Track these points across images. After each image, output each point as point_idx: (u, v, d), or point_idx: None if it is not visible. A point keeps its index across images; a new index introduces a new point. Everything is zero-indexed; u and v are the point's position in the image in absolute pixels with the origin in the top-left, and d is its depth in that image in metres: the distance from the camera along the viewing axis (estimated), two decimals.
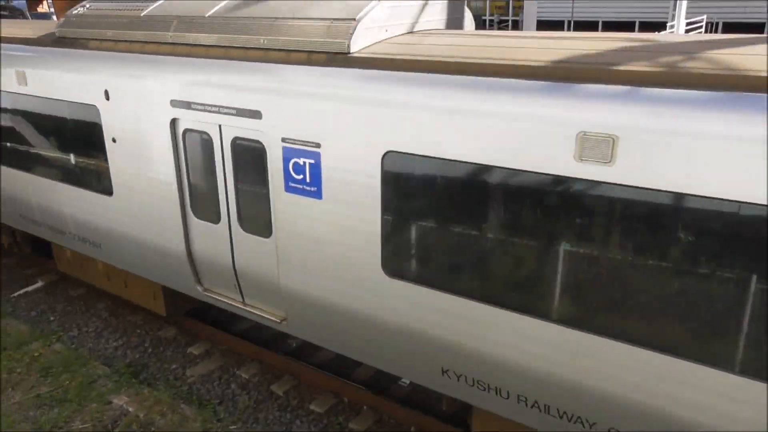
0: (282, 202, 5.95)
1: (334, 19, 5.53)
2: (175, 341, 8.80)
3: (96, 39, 7.28)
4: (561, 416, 4.95)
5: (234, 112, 5.98)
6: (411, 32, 5.90)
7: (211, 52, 6.17)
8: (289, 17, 5.84)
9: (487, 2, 43.41)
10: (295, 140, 5.62)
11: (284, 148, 5.72)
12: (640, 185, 3.98)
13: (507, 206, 4.65)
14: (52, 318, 9.47)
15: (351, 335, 6.03)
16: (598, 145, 4.08)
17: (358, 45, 5.37)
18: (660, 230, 4.05)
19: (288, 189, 5.87)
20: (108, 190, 7.54)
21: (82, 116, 7.43)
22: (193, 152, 6.58)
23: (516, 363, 4.98)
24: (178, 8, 6.80)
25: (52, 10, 21.40)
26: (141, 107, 6.75)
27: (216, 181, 6.49)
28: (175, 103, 6.42)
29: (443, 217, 5.00)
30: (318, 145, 5.48)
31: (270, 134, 5.78)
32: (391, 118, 4.97)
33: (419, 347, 5.53)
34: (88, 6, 7.77)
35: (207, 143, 6.40)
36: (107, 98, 7.02)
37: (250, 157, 6.09)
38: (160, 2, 7.11)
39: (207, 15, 6.44)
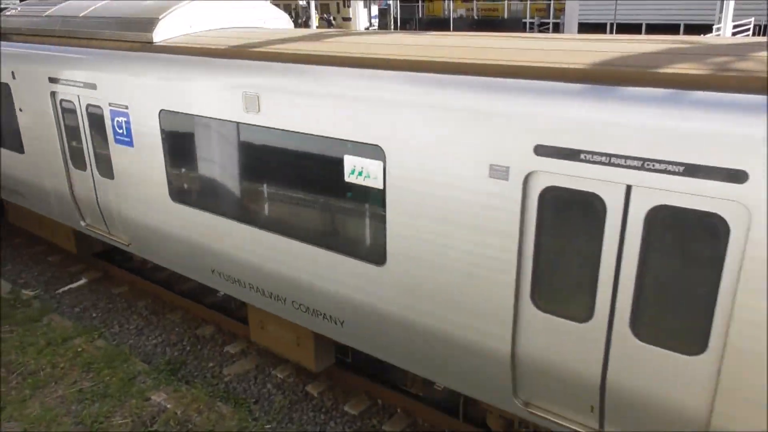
0: (115, 151, 8.07)
1: (148, 18, 7.68)
2: (213, 340, 8.90)
3: (12, 33, 9.63)
4: (271, 297, 6.93)
5: (82, 85, 8.14)
6: (210, 29, 7.98)
7: (80, 42, 8.34)
8: (125, 16, 8.04)
9: (528, 4, 42.92)
10: (115, 104, 7.80)
11: (111, 110, 7.87)
12: (272, 126, 6.10)
13: (218, 145, 6.79)
14: (94, 314, 9.69)
15: (162, 250, 8.10)
16: (255, 101, 6.16)
17: (159, 37, 7.50)
18: (288, 155, 6.13)
19: (116, 141, 7.99)
20: (21, 150, 9.76)
21: (3, 94, 9.67)
22: (67, 117, 8.73)
23: (241, 259, 7.01)
24: (67, 10, 9.12)
25: None
26: (34, 84, 8.92)
27: (81, 137, 8.58)
28: (52, 80, 8.60)
29: (192, 155, 7.08)
30: (127, 107, 7.62)
31: (104, 100, 7.91)
32: (164, 85, 7.05)
33: (197, 252, 7.56)
34: (19, 8, 10.29)
35: (73, 109, 8.52)
36: (14, 78, 9.29)
37: (96, 119, 8.21)
38: (60, 5, 9.49)
39: (80, 15, 8.72)
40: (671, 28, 35.35)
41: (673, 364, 4.31)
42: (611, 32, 32.76)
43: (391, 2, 39.73)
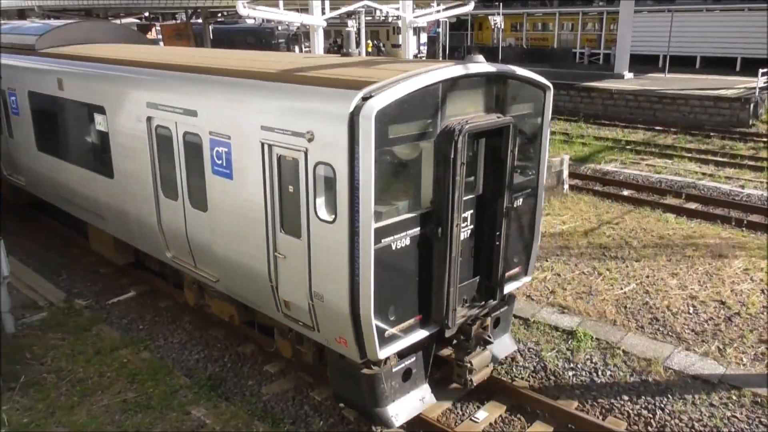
0: (12, 120, 12.49)
1: (36, 35, 12.16)
2: (253, 358, 9.04)
3: None
4: (85, 210, 11.00)
5: None
6: (76, 45, 12.11)
7: (2, 49, 12.75)
8: (25, 33, 12.75)
9: (578, 35, 42.69)
10: (10, 88, 12.20)
11: (8, 93, 12.28)
12: (70, 98, 10.21)
13: (51, 111, 11.00)
14: (141, 327, 9.97)
15: (40, 186, 12.51)
16: (61, 82, 10.35)
17: (39, 45, 11.88)
18: (77, 116, 10.27)
19: (12, 113, 12.35)
20: None
21: None
22: None
23: (66, 185, 11.26)
24: (5, 28, 14.35)
25: (160, 36, 22.89)
26: None
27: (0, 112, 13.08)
28: None
29: (42, 118, 11.37)
30: (15, 90, 12.03)
31: (5, 86, 12.24)
32: (32, 75, 11.37)
33: (52, 185, 11.80)
34: None
35: None
36: None
37: (3, 98, 12.59)
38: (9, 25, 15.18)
39: (6, 31, 13.47)
40: (727, 63, 34.55)
41: (202, 219, 7.99)
42: (663, 65, 32.24)
43: (440, 30, 40.09)
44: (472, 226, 7.17)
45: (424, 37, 45.38)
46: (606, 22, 40.63)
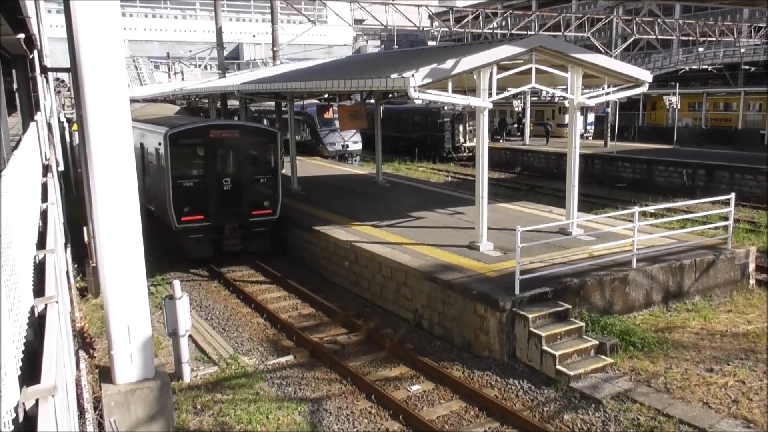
0: None
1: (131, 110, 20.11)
2: None
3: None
4: None
5: None
6: (143, 114, 24.15)
7: None
8: None
9: None
10: None
11: None
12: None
13: None
14: (297, 390, 10.36)
15: None
16: None
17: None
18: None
19: None
20: None
21: None
22: None
23: None
24: None
25: (337, 116, 24.77)
26: None
27: None
28: None
29: None
30: None
31: None
32: None
33: None
34: None
35: None
36: None
37: None
38: None
39: None
40: None
41: (150, 181, 18.24)
42: None
43: (608, 110, 38.98)
44: (231, 185, 16.13)
45: (591, 117, 44.35)
46: None
